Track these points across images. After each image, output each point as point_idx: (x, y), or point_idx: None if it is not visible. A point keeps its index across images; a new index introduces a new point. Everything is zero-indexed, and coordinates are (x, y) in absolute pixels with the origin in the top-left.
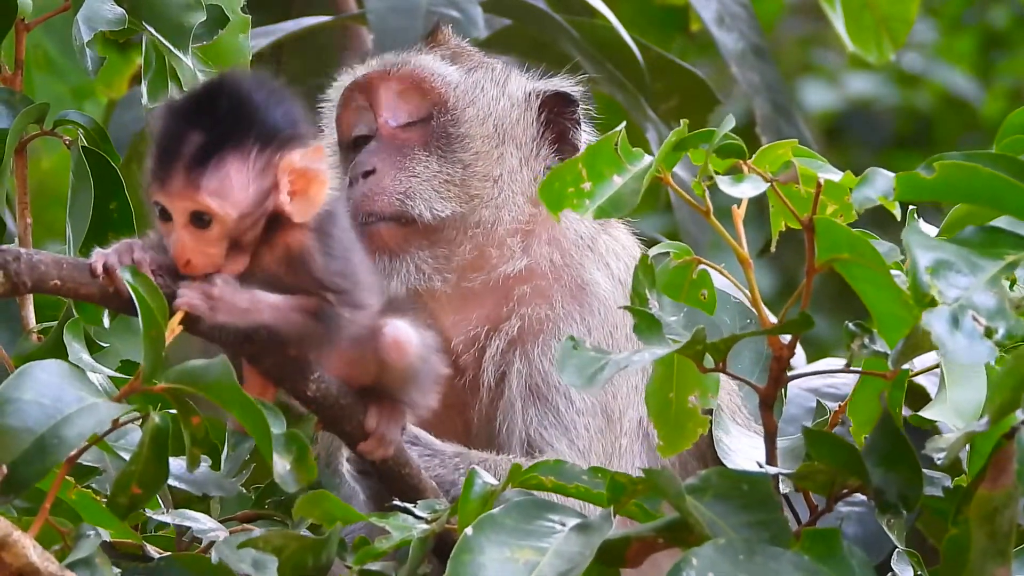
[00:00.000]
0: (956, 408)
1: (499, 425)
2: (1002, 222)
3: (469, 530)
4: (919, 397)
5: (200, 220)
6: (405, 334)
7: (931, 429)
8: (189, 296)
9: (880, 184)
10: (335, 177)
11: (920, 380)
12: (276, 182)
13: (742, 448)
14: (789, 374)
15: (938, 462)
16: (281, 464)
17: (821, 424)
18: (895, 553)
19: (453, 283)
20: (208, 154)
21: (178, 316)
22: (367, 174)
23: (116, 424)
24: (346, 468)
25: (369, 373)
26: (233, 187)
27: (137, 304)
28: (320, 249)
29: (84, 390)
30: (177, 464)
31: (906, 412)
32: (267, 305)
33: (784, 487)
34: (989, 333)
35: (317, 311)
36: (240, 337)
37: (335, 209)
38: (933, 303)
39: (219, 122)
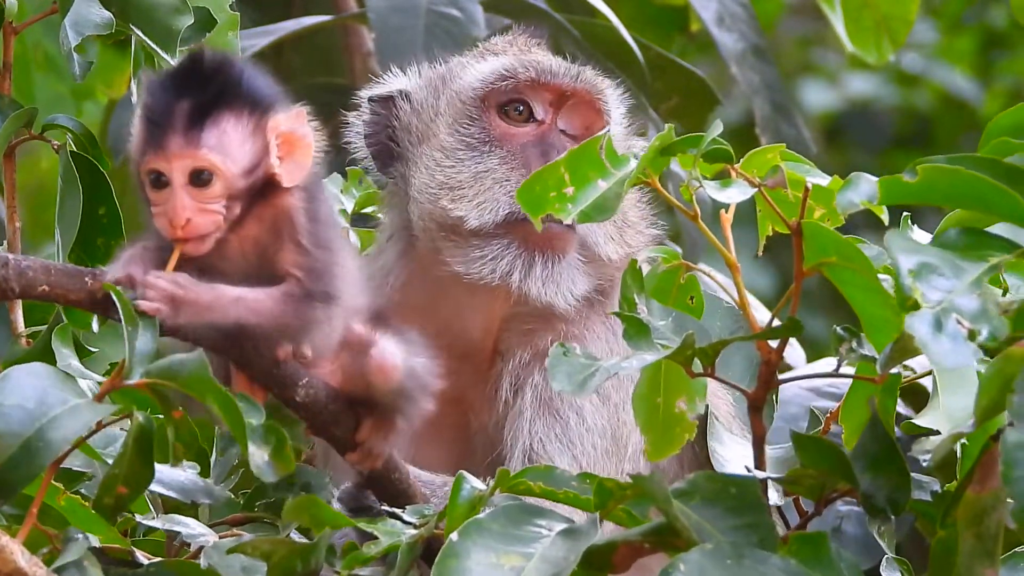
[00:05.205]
0: (949, 414)
1: (504, 436)
2: (999, 229)
3: (455, 535)
4: (923, 398)
5: (200, 179)
6: (391, 357)
7: (923, 433)
8: (150, 299)
9: (864, 188)
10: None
11: (921, 381)
12: (266, 143)
13: (737, 457)
14: (786, 375)
15: (924, 464)
16: (259, 455)
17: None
18: (884, 560)
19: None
20: (204, 114)
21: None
22: None
23: (100, 426)
24: (337, 506)
25: (358, 387)
26: (232, 142)
27: (117, 302)
28: (306, 211)
29: (68, 392)
30: (166, 470)
31: (908, 412)
32: (231, 299)
33: (775, 494)
34: (972, 335)
35: (287, 297)
36: (218, 338)
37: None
38: (916, 306)
39: (207, 87)
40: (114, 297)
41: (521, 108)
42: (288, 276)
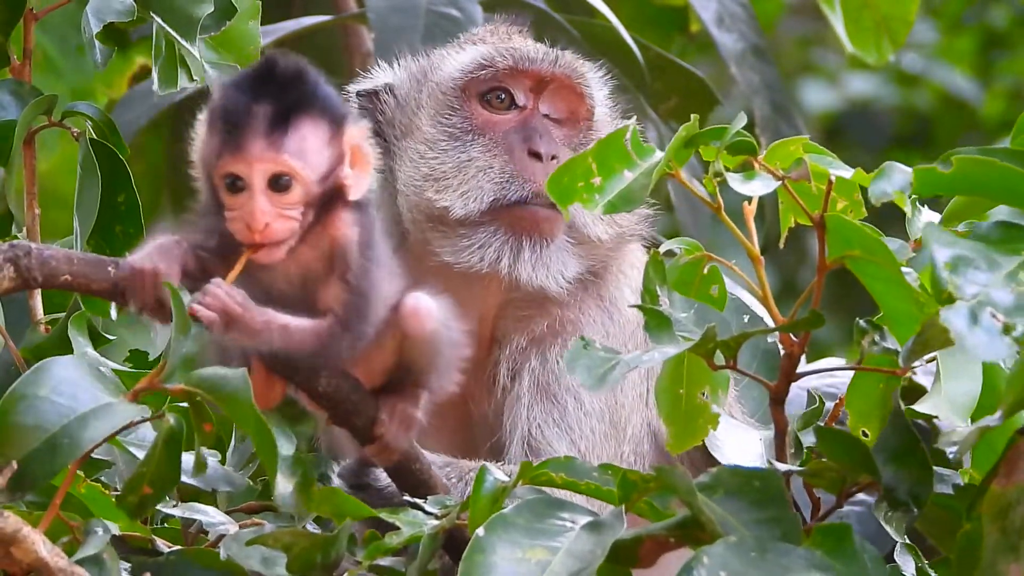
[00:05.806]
0: (951, 401)
1: (504, 422)
2: (1003, 212)
3: (481, 530)
4: (918, 395)
5: (279, 183)
6: (425, 303)
7: (929, 424)
8: (207, 305)
9: (897, 178)
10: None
11: (919, 379)
12: (341, 153)
13: (733, 440)
14: (804, 369)
15: (950, 456)
16: (283, 485)
17: (812, 415)
18: (897, 546)
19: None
20: (285, 119)
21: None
22: (552, 157)
23: (131, 425)
24: (337, 483)
25: (390, 351)
26: (312, 149)
27: (172, 304)
28: (360, 245)
29: (100, 390)
30: (186, 459)
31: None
32: (278, 327)
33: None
34: (1007, 329)
35: (328, 332)
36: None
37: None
38: (951, 299)
39: (287, 93)
40: (171, 301)
41: (502, 96)
42: (331, 311)
